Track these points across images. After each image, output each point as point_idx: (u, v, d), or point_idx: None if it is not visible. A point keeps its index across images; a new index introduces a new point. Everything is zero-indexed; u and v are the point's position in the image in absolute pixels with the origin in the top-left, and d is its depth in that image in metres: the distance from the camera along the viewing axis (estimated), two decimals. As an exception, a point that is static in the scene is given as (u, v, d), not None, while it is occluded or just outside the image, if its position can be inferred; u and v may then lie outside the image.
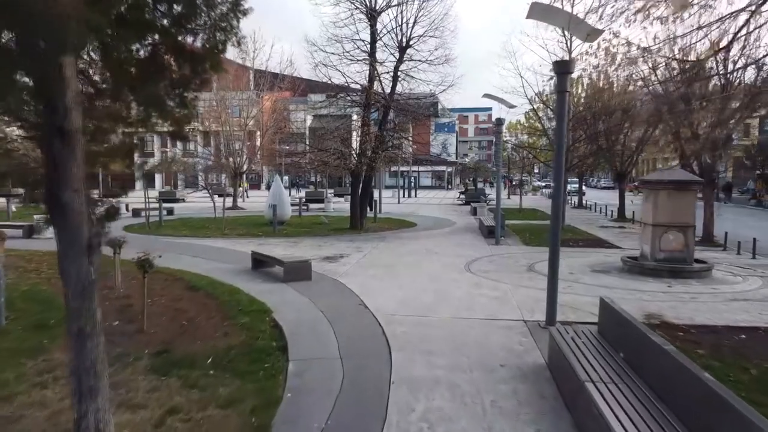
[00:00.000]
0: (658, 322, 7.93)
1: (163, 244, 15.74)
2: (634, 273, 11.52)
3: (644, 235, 11.93)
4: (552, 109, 22.24)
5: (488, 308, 8.63)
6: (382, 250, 14.78)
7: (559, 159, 7.60)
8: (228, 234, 18.24)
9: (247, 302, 8.75)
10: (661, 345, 4.41)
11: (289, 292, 9.65)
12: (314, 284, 10.27)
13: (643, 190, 12.12)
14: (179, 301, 8.92)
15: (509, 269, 12.11)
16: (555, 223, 7.78)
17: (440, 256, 13.85)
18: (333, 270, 11.71)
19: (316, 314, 8.17)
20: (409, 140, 21.54)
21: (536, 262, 13.01)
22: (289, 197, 22.39)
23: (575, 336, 5.95)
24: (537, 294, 9.59)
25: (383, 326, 7.53)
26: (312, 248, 15.14)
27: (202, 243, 16.15)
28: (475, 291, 9.83)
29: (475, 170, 46.29)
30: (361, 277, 11.00)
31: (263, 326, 7.54)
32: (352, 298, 9.25)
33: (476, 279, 10.94)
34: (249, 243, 16.14)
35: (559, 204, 7.78)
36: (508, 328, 7.62)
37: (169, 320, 7.82)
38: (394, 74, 19.43)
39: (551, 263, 7.73)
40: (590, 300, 9.19)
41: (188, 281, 10.29)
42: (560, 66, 7.47)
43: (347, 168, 18.97)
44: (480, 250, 14.99)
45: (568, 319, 8.04)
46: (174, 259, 12.95)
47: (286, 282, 10.31)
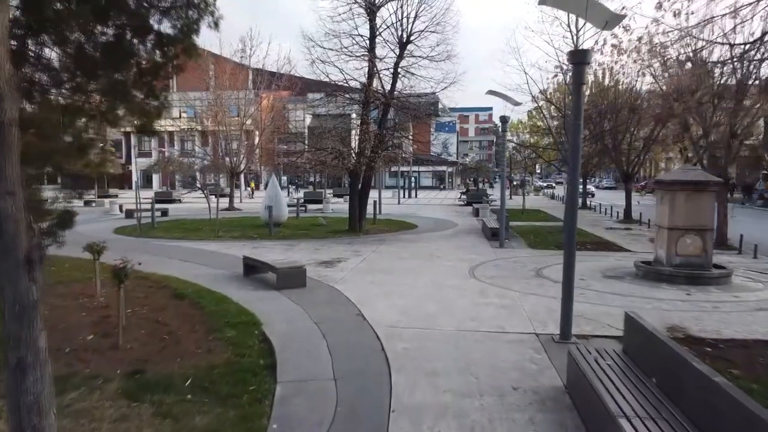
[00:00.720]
0: (683, 335, 7.27)
1: (153, 248, 15.10)
2: (649, 279, 10.86)
3: (659, 239, 11.28)
4: (557, 106, 21.59)
5: (496, 319, 7.97)
6: (382, 254, 14.12)
7: (575, 157, 6.94)
8: (222, 236, 17.59)
9: (236, 313, 8.09)
10: (709, 375, 3.74)
11: (281, 300, 8.99)
12: (309, 292, 9.61)
13: (657, 191, 11.48)
14: (162, 311, 8.26)
15: (516, 275, 11.46)
16: (570, 226, 7.12)
17: (443, 261, 13.19)
18: (329, 276, 11.05)
19: (310, 327, 7.52)
20: (409, 139, 20.87)
21: (544, 267, 12.36)
22: (286, 198, 21.69)
23: (597, 356, 5.29)
24: (548, 303, 8.94)
25: (382, 341, 6.87)
26: (308, 252, 14.49)
27: (194, 246, 15.49)
28: (480, 299, 9.17)
29: (476, 170, 45.58)
30: (358, 283, 10.34)
31: (251, 341, 6.88)
32: (348, 307, 8.60)
33: (481, 286, 10.28)
34: (243, 246, 15.49)
35: (575, 206, 7.12)
36: (519, 342, 6.96)
37: (148, 334, 7.16)
38: (394, 71, 18.76)
39: (566, 271, 7.07)
40: (605, 310, 8.54)
41: (174, 289, 9.63)
42: (576, 56, 6.81)
43: (345, 168, 18.31)
44: (484, 254, 14.34)
45: (583, 332, 7.39)
46: (162, 264, 12.32)
47: (279, 289, 9.65)
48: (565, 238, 7.12)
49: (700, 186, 10.60)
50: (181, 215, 26.28)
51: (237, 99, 29.68)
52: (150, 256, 13.57)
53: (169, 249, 14.91)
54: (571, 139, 7.00)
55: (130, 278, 10.60)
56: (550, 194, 51.24)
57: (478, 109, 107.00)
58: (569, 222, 7.09)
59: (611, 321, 7.92)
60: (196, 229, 19.67)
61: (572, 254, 7.07)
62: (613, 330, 7.49)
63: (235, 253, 14.05)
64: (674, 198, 10.73)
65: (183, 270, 11.59)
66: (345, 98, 18.63)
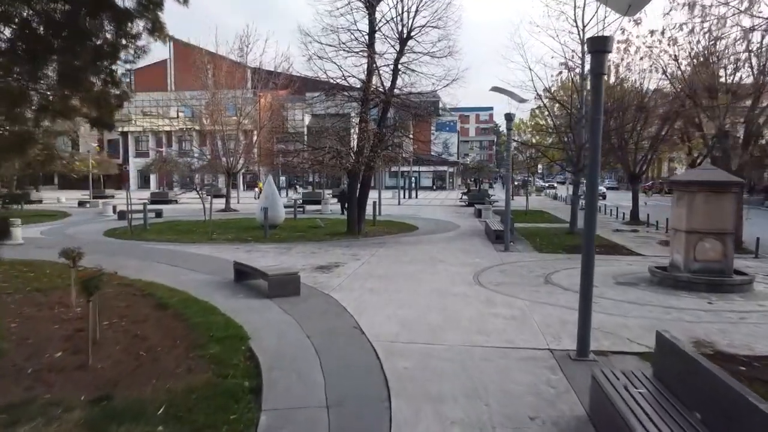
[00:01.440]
0: (711, 351, 6.62)
1: (142, 251, 14.45)
2: (665, 286, 10.21)
3: (676, 243, 10.62)
4: (562, 103, 20.93)
5: (505, 332, 7.31)
6: (381, 258, 13.47)
7: (595, 156, 6.29)
8: (215, 239, 16.94)
9: (222, 325, 7.43)
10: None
11: (272, 310, 8.34)
12: (303, 301, 8.96)
13: (674, 192, 10.82)
14: (142, 323, 7.60)
15: (524, 281, 10.80)
16: (589, 232, 6.46)
17: (445, 265, 12.53)
18: (325, 283, 10.39)
19: (302, 341, 6.86)
20: (410, 138, 20.21)
21: (553, 273, 11.70)
22: (282, 199, 21.04)
23: (627, 381, 4.63)
24: (560, 313, 8.29)
25: (381, 359, 6.21)
26: (304, 256, 13.83)
27: (186, 249, 14.83)
28: (487, 309, 8.52)
29: (477, 170, 44.90)
30: (356, 291, 9.68)
31: (236, 358, 6.23)
32: (345, 318, 7.94)
33: (487, 293, 9.62)
34: (236, 250, 14.85)
35: (594, 210, 6.46)
36: (532, 360, 6.30)
37: (123, 350, 6.50)
38: (395, 67, 18.11)
39: (584, 282, 6.42)
40: (622, 321, 7.89)
41: (158, 297, 8.97)
42: (596, 43, 6.16)
43: (343, 168, 17.65)
44: (488, 258, 13.68)
45: (600, 347, 6.73)
46: (149, 269, 11.67)
47: (271, 298, 9.00)
48: (584, 245, 6.46)
49: (720, 187, 9.95)
50: (175, 217, 25.63)
51: (234, 97, 29.01)
52: (137, 260, 12.95)
53: (158, 252, 14.25)
54: (590, 137, 6.35)
55: (112, 286, 10.04)
56: (553, 194, 50.59)
57: (479, 109, 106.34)
58: (588, 228, 6.43)
59: (631, 334, 7.28)
60: (189, 231, 19.02)
61: (591, 265, 6.42)
62: (634, 346, 6.85)
63: (228, 257, 13.38)
64: (692, 199, 10.08)
65: (171, 276, 10.93)
66: (343, 96, 17.95)
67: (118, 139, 66.62)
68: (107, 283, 9.98)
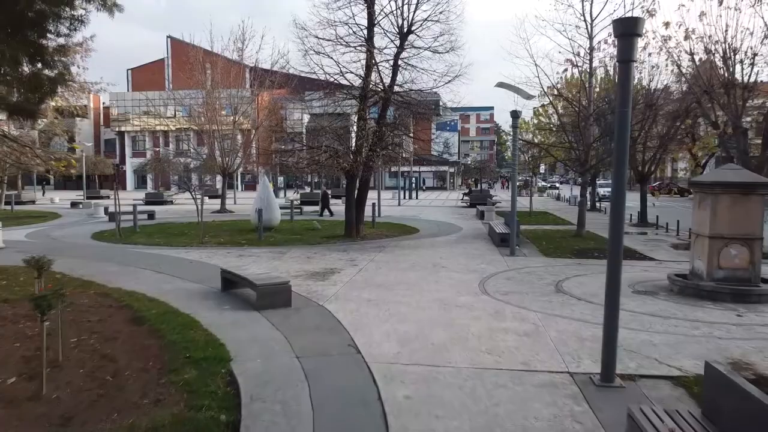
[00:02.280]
0: (753, 375, 5.84)
1: (127, 256, 13.68)
2: (687, 296, 9.43)
3: (697, 249, 9.85)
4: (569, 101, 20.15)
5: (518, 351, 6.55)
6: (380, 264, 12.70)
7: (622, 152, 5.53)
8: (207, 242, 16.16)
9: (202, 343, 6.66)
10: None
11: (260, 325, 7.57)
12: (294, 313, 8.19)
13: (695, 194, 10.05)
14: (113, 341, 6.83)
15: (533, 290, 10.03)
16: (615, 243, 5.68)
17: (449, 272, 11.76)
18: (319, 292, 9.62)
19: (290, 363, 6.09)
20: (410, 137, 19.42)
21: (563, 280, 10.94)
22: (277, 200, 20.28)
23: (673, 424, 3.86)
24: (576, 328, 7.52)
25: (379, 386, 5.45)
26: (299, 261, 13.06)
27: (174, 254, 14.06)
28: (496, 323, 7.75)
29: (479, 170, 44.10)
30: (353, 302, 8.91)
31: (214, 384, 5.46)
32: (339, 335, 7.18)
33: (495, 304, 8.85)
34: (227, 254, 14.09)
35: (621, 216, 5.69)
36: (551, 386, 5.53)
37: (87, 375, 5.74)
38: (394, 63, 17.34)
39: (610, 299, 5.65)
40: (647, 338, 7.12)
41: (136, 310, 8.20)
42: (624, 25, 5.39)
43: (341, 167, 16.87)
44: (494, 263, 12.91)
45: (626, 370, 5.96)
46: (132, 277, 10.91)
47: (259, 309, 8.23)
48: (610, 260, 5.67)
49: (747, 188, 9.18)
50: (168, 218, 24.88)
51: (230, 96, 28.26)
52: (121, 266, 12.19)
53: (145, 257, 13.48)
54: (617, 132, 5.57)
55: (88, 296, 9.28)
56: (555, 195, 49.82)
57: (479, 109, 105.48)
58: (615, 240, 5.64)
59: (658, 354, 6.51)
60: (180, 234, 18.26)
61: (616, 282, 5.65)
62: (664, 368, 6.08)
63: (218, 263, 12.61)
64: (716, 202, 9.31)
65: (154, 284, 10.16)
66: (341, 93, 17.15)
67: (115, 138, 65.90)
68: (82, 294, 9.31)
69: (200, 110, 28.29)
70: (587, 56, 18.46)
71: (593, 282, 10.75)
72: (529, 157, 34.76)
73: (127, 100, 62.98)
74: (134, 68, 68.92)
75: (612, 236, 5.67)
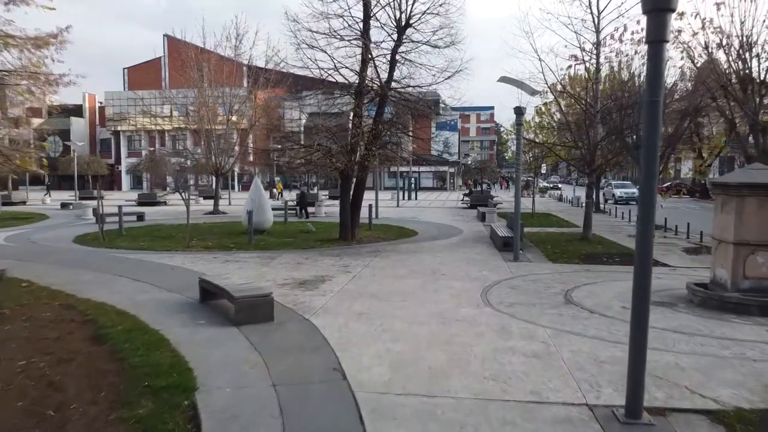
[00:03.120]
0: (803, 410, 5.02)
1: (106, 262, 12.86)
2: (710, 308, 8.61)
3: (720, 256, 9.02)
4: (573, 96, 19.31)
5: (528, 377, 5.72)
6: (375, 271, 11.87)
7: (652, 149, 4.72)
8: (193, 246, 15.33)
9: (166, 367, 5.83)
10: None
11: (236, 344, 6.75)
12: (276, 329, 7.37)
13: (717, 196, 9.23)
14: (67, 364, 6.00)
15: (541, 301, 9.20)
16: (644, 251, 4.86)
17: (448, 280, 10.94)
18: (307, 303, 8.79)
19: (265, 393, 5.27)
20: (409, 136, 18.58)
21: (573, 289, 10.11)
22: (277, 201, 19.44)
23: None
24: (591, 347, 6.70)
25: (366, 423, 4.63)
26: (288, 267, 12.23)
27: (156, 259, 13.23)
28: (502, 342, 6.92)
29: (480, 170, 43.28)
30: (342, 316, 8.08)
31: (172, 422, 4.64)
32: (324, 356, 6.35)
33: (500, 319, 8.03)
34: (213, 259, 13.27)
35: (651, 222, 4.86)
36: (567, 423, 4.71)
37: (26, 409, 4.91)
38: (392, 58, 16.52)
39: (637, 324, 4.82)
40: (672, 360, 6.29)
41: (100, 326, 7.37)
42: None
43: (334, 167, 16.03)
44: (497, 270, 12.09)
45: (654, 402, 5.14)
46: (105, 285, 10.10)
47: (237, 325, 7.42)
48: (638, 273, 4.86)
49: (777, 190, 8.35)
50: (159, 220, 24.05)
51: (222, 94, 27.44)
52: (97, 273, 11.38)
53: (124, 263, 12.66)
54: (646, 126, 4.75)
55: (52, 308, 8.46)
56: (558, 195, 49.05)
57: (480, 109, 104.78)
58: (643, 249, 4.82)
59: (688, 380, 5.68)
60: (168, 237, 17.44)
61: (645, 298, 4.84)
62: (697, 399, 5.25)
63: (201, 269, 11.83)
64: (742, 205, 8.48)
65: (127, 294, 9.34)
66: (335, 88, 16.30)
67: (110, 138, 65.10)
68: (46, 306, 8.49)
69: (192, 109, 27.45)
70: (594, 51, 17.62)
71: (605, 291, 9.94)
72: (530, 157, 33.85)
73: (123, 99, 62.16)
74: (130, 67, 68.14)
75: (640, 248, 4.85)
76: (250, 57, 27.48)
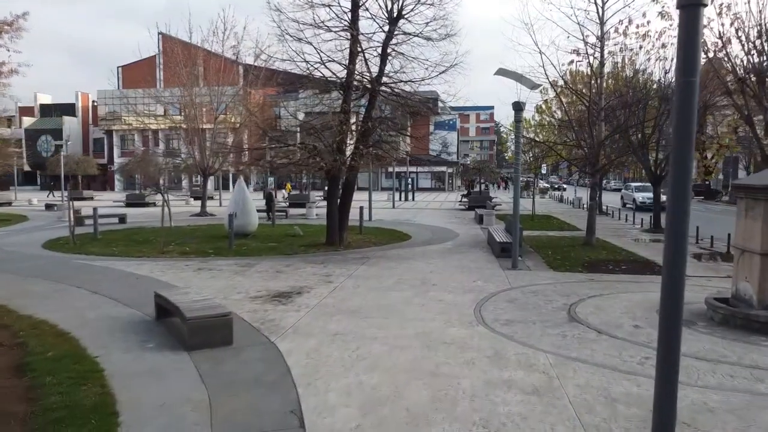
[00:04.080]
0: None
1: (67, 270, 11.83)
2: (733, 327, 7.58)
3: (744, 268, 7.99)
4: (576, 92, 18.28)
5: (526, 424, 4.68)
6: (359, 281, 10.83)
7: (685, 142, 3.67)
8: (169, 252, 14.29)
9: (87, 410, 4.80)
10: None
11: (181, 376, 5.71)
12: (233, 356, 6.34)
13: (740, 200, 8.20)
14: (-31, 404, 4.98)
15: (541, 317, 8.17)
16: (675, 276, 3.82)
17: (439, 291, 9.90)
18: (276, 322, 7.76)
19: (198, 448, 4.24)
20: (400, 134, 17.51)
21: (576, 302, 9.08)
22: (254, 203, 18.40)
23: None
24: (602, 380, 5.66)
25: (317, 497, 3.60)
26: (265, 276, 11.20)
27: (124, 267, 12.20)
28: (496, 372, 5.89)
29: (478, 171, 42.23)
30: (313, 337, 7.04)
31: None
32: (283, 391, 5.32)
33: (494, 341, 6.99)
34: (186, 267, 12.25)
35: (684, 234, 3.81)
36: (576, 494, 3.68)
37: None
38: (383, 51, 15.48)
39: (666, 368, 3.77)
40: (699, 397, 5.25)
41: (28, 351, 6.34)
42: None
43: (319, 167, 14.98)
44: (493, 280, 11.06)
45: (683, 457, 4.10)
46: (56, 298, 9.08)
47: (190, 349, 6.39)
48: (666, 307, 3.81)
49: (811, 194, 7.33)
50: (143, 222, 22.99)
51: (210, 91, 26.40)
52: (52, 284, 10.34)
53: (87, 272, 11.63)
54: (678, 112, 3.72)
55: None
56: (558, 197, 48.02)
57: (479, 108, 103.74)
58: (673, 272, 3.78)
59: (721, 427, 4.65)
60: (145, 242, 16.40)
61: (677, 339, 3.80)
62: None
63: (170, 279, 10.84)
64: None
65: (77, 310, 8.31)
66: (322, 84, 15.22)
67: (103, 137, 64.06)
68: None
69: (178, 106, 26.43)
70: (597, 44, 16.58)
71: (612, 305, 8.92)
72: (531, 156, 32.84)
73: (115, 98, 61.08)
74: (124, 65, 66.99)
75: (669, 270, 3.79)
76: (238, 52, 26.43)
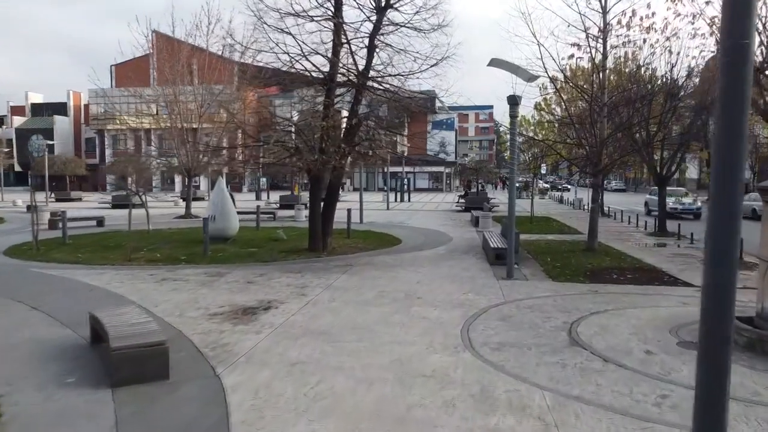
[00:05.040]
0: None
1: (17, 281, 10.79)
2: (762, 353, 6.51)
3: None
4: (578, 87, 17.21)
5: (514, 499, 3.61)
6: (336, 294, 9.75)
7: (737, 129, 2.60)
8: (137, 259, 13.21)
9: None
10: None
11: (94, 426, 4.64)
12: (165, 395, 5.26)
13: (766, 204, 7.13)
14: None
15: (538, 340, 7.09)
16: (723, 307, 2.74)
17: (424, 306, 8.83)
18: (230, 347, 6.68)
19: None
20: (390, 132, 16.46)
21: (578, 320, 8.01)
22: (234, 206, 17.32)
23: None
24: (609, 427, 4.58)
25: None
26: (233, 289, 10.12)
27: (83, 277, 11.12)
28: (480, 419, 4.81)
29: (476, 170, 41.16)
30: (268, 368, 5.96)
31: None
32: (213, 449, 4.25)
33: (481, 374, 5.91)
34: (149, 277, 11.18)
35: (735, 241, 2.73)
36: None
37: None
38: (370, 44, 14.41)
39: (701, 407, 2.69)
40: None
41: None
42: None
43: (297, 167, 13.91)
44: (486, 291, 9.98)
45: None
46: (-14, 317, 7.98)
47: (116, 386, 5.32)
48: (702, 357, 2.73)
49: None
50: (120, 225, 21.87)
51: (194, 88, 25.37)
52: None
53: (39, 282, 10.57)
54: (723, 91, 2.66)
55: None
56: (558, 197, 46.97)
57: (478, 108, 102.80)
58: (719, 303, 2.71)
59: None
60: (116, 247, 15.31)
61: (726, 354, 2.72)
62: None
63: (127, 290, 9.79)
64: (805, 218, 6.39)
65: (3, 330, 7.25)
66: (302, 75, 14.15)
67: (95, 137, 63.02)
68: None
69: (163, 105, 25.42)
70: (600, 36, 15.53)
71: (620, 325, 7.84)
72: (529, 156, 31.75)
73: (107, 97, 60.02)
74: (117, 64, 65.93)
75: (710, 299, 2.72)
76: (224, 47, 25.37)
